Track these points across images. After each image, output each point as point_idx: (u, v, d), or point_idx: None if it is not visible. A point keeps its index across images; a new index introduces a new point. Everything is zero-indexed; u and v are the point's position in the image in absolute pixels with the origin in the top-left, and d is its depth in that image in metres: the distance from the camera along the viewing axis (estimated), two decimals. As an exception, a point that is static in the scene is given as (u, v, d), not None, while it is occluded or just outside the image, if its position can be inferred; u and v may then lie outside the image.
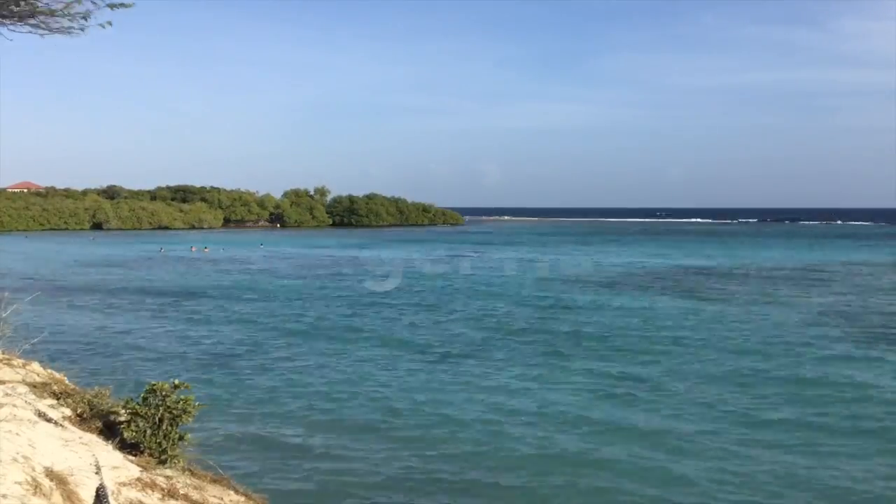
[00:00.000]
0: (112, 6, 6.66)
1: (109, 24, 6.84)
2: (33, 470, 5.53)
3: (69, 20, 6.68)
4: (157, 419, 7.43)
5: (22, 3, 6.50)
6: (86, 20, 6.71)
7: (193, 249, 75.99)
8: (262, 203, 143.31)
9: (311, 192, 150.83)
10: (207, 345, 25.62)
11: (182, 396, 7.69)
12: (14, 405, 6.99)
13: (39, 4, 6.58)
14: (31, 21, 6.70)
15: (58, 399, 8.10)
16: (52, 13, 6.64)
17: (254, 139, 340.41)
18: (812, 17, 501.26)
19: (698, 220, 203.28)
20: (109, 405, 8.19)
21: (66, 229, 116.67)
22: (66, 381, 9.24)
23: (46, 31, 6.80)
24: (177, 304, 35.73)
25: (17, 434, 6.16)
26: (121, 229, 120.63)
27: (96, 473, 5.93)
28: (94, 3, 6.63)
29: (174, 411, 7.52)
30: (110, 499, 5.49)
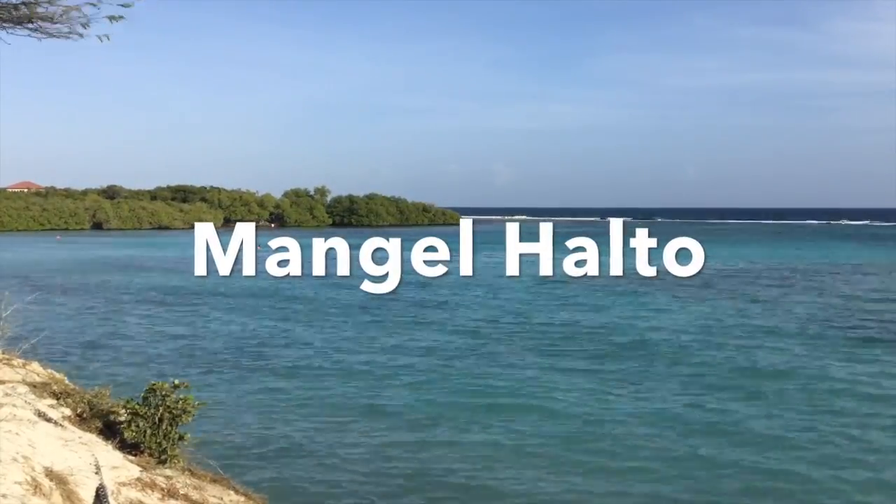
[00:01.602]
0: (112, 18, 6.64)
1: (107, 37, 6.83)
2: (33, 470, 5.54)
3: (67, 27, 6.66)
4: (156, 419, 7.45)
5: (21, 8, 6.49)
6: (85, 28, 6.70)
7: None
8: (262, 203, 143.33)
9: (311, 192, 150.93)
10: (208, 344, 25.61)
11: (182, 396, 7.70)
12: (14, 405, 7.00)
13: (38, 10, 6.56)
14: (30, 25, 6.69)
15: (58, 399, 8.11)
16: (50, 19, 6.63)
17: (254, 139, 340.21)
18: (804, 17, 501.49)
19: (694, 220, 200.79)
20: (109, 405, 8.20)
21: (66, 229, 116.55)
22: (66, 381, 9.25)
23: (44, 36, 6.78)
24: (179, 304, 35.71)
25: (17, 434, 6.17)
26: (121, 229, 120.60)
27: (96, 473, 5.94)
28: (95, 5, 6.62)
29: (174, 411, 7.53)
30: (110, 499, 5.50)
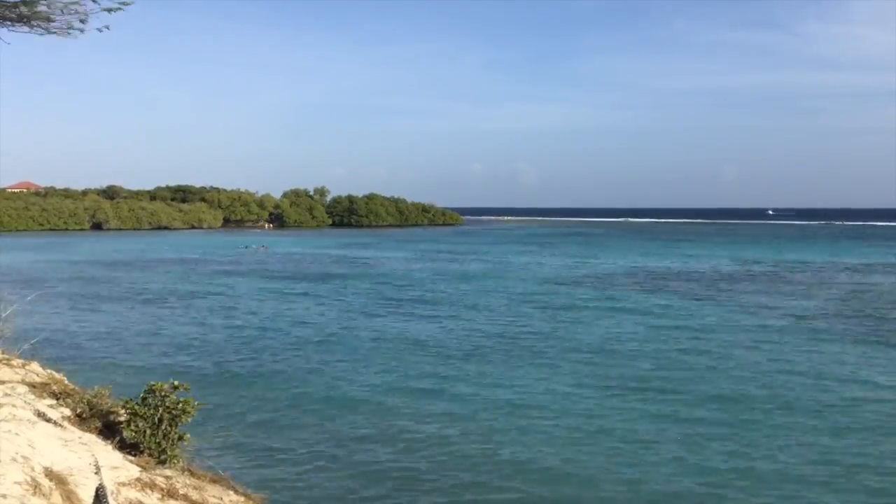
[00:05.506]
0: (109, 10, 6.65)
1: (107, 27, 6.85)
2: (33, 470, 5.53)
3: (67, 22, 6.67)
4: (156, 419, 7.44)
5: (21, 6, 6.50)
6: (83, 22, 6.71)
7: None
8: (261, 203, 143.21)
9: (311, 192, 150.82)
10: (208, 345, 25.60)
11: (181, 397, 7.70)
12: (14, 405, 7.00)
13: (38, 7, 6.57)
14: (30, 23, 6.69)
15: (57, 399, 8.10)
16: (49, 18, 6.63)
17: (253, 139, 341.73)
18: (779, 20, 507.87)
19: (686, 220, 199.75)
20: (109, 405, 8.19)
21: (66, 229, 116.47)
22: (66, 381, 9.23)
23: (45, 32, 6.80)
24: (179, 305, 35.71)
25: (16, 434, 6.17)
26: (120, 229, 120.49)
27: (96, 473, 5.94)
28: (94, 0, 6.63)
29: (173, 411, 7.53)
30: (110, 499, 5.49)
